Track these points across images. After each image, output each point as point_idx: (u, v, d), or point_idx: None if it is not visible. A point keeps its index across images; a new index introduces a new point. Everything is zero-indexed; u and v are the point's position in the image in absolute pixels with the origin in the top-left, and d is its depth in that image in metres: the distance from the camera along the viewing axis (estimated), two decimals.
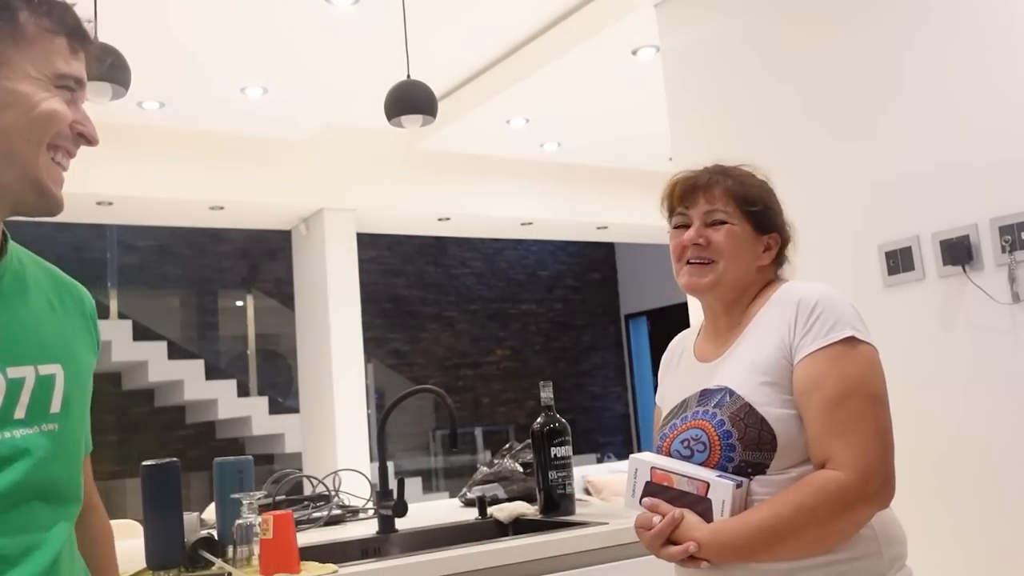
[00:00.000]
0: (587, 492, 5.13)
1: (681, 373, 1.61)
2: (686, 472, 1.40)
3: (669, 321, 10.12)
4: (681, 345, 1.68)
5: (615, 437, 10.63)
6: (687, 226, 1.53)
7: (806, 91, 3.27)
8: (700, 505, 1.37)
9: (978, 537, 2.68)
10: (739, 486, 1.35)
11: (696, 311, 3.75)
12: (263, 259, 9.03)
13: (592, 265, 10.98)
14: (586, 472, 5.43)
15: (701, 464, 1.40)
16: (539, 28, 4.79)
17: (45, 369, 0.98)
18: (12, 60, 0.94)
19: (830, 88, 3.17)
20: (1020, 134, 2.63)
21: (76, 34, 0.99)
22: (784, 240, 1.55)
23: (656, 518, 1.39)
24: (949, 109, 2.80)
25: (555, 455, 2.20)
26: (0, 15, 0.94)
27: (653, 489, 1.42)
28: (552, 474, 2.20)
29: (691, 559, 1.36)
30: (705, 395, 1.46)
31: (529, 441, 2.34)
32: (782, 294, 1.48)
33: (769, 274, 1.54)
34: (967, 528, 2.70)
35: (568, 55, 4.78)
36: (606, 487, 5.20)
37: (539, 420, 2.23)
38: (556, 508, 2.19)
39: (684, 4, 3.81)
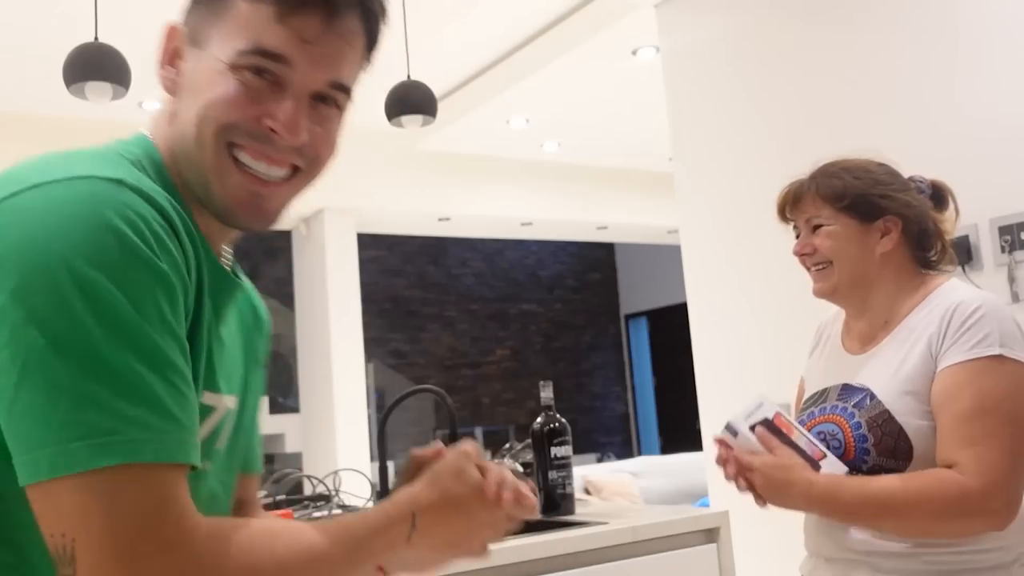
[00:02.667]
0: (587, 492, 5.13)
1: (825, 359, 1.59)
2: (809, 437, 1.41)
3: (669, 321, 10.12)
4: (829, 328, 1.64)
5: (615, 437, 10.63)
6: None
7: (806, 91, 3.27)
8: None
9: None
10: (848, 473, 1.36)
11: (696, 311, 3.75)
12: (263, 259, 9.04)
13: (592, 265, 10.98)
14: (586, 472, 5.43)
15: None
16: (539, 28, 4.79)
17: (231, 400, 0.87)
18: (207, 39, 0.79)
19: (830, 88, 3.17)
20: (1020, 134, 2.63)
21: None
22: (908, 219, 1.47)
23: (762, 451, 1.40)
24: (949, 109, 2.80)
25: (555, 455, 2.20)
26: None
27: (770, 427, 1.43)
28: (552, 474, 2.20)
29: (756, 498, 1.39)
30: (847, 391, 1.45)
31: (529, 441, 2.34)
32: (939, 296, 1.43)
33: (904, 259, 1.48)
34: None
35: (568, 55, 4.78)
36: (606, 487, 5.20)
37: (539, 420, 2.23)
38: (556, 508, 2.20)
39: (684, 4, 3.81)
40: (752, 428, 1.43)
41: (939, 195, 1.56)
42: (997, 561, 1.32)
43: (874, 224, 1.46)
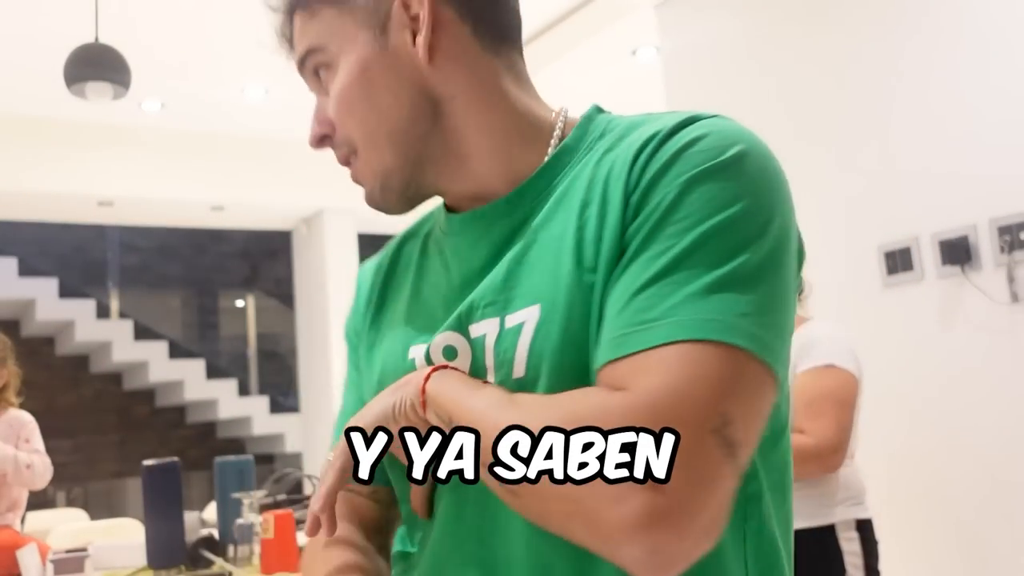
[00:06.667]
0: None
1: None
2: None
3: None
4: None
5: None
6: None
7: (806, 92, 3.27)
8: None
9: (976, 537, 2.68)
10: None
11: None
12: (263, 259, 9.04)
13: None
14: None
15: None
16: (538, 28, 4.79)
17: (513, 318, 0.66)
18: None
19: (830, 88, 3.17)
20: (1020, 134, 2.63)
21: None
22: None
23: None
24: (949, 109, 2.81)
25: None
26: None
27: None
28: None
29: None
30: None
31: None
32: (800, 333, 2.06)
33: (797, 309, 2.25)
34: (965, 528, 2.71)
35: (568, 55, 4.78)
36: None
37: None
38: None
39: (684, 4, 3.81)
40: None
41: None
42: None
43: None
